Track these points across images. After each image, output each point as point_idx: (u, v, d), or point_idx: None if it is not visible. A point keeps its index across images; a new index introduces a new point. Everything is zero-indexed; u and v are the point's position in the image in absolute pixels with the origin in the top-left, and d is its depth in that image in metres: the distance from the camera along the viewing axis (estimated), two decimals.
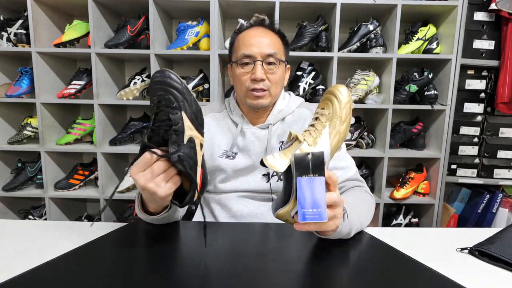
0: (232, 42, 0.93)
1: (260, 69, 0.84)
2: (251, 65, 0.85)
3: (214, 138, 0.93)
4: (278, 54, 0.86)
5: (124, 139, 1.72)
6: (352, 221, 0.65)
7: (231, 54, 0.93)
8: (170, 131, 0.54)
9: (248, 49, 0.85)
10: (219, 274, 0.54)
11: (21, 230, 0.73)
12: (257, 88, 0.85)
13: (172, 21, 1.85)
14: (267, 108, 0.90)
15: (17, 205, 1.84)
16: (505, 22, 1.61)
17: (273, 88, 0.87)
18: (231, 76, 0.94)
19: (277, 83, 0.88)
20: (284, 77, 0.92)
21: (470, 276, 0.57)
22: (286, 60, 0.92)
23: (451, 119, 1.65)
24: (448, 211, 1.75)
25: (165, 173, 0.56)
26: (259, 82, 0.84)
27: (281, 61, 0.88)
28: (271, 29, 0.90)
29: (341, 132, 0.60)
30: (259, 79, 0.84)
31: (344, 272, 0.56)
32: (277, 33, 0.90)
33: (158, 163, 0.55)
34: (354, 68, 1.75)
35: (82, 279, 0.51)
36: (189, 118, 0.56)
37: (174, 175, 0.57)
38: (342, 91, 0.60)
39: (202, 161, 0.59)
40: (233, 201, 0.91)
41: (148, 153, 0.55)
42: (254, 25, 0.90)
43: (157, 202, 0.60)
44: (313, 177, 0.51)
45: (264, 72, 0.84)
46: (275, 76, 0.86)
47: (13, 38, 1.61)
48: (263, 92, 0.85)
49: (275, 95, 0.89)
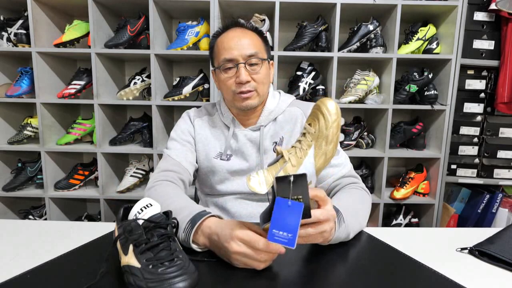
0: (211, 46, 0.91)
1: (243, 72, 0.82)
2: (234, 68, 0.83)
3: (208, 139, 0.93)
4: (260, 53, 0.85)
5: (124, 139, 1.72)
6: (350, 224, 0.65)
7: (212, 59, 0.91)
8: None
9: (228, 52, 0.83)
10: (219, 274, 0.54)
11: (21, 230, 0.73)
12: (244, 90, 0.83)
13: (172, 21, 1.85)
14: (256, 107, 0.89)
15: (17, 205, 1.84)
16: (505, 22, 1.61)
17: (260, 87, 0.86)
18: (216, 81, 0.92)
19: (263, 82, 0.86)
20: (269, 74, 0.90)
21: (470, 276, 0.57)
22: (268, 57, 0.90)
23: (451, 119, 1.65)
24: (448, 211, 1.75)
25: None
26: (245, 85, 0.83)
27: (263, 59, 0.86)
28: (248, 28, 0.89)
29: (328, 153, 0.57)
30: (244, 81, 0.82)
31: (344, 272, 0.56)
32: (254, 31, 0.89)
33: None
34: (354, 68, 1.75)
35: (82, 279, 0.51)
36: None
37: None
38: (330, 108, 0.56)
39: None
40: (230, 203, 0.91)
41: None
42: (230, 26, 0.89)
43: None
44: (292, 201, 0.50)
45: (248, 74, 0.83)
46: (259, 76, 0.85)
47: (13, 38, 1.61)
48: (250, 92, 0.85)
49: (263, 94, 0.88)
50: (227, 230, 0.56)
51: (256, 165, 0.90)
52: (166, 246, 0.52)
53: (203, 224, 0.61)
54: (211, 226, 0.59)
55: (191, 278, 0.48)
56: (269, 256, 0.54)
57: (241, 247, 0.53)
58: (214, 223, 0.60)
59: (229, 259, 0.56)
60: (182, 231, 0.61)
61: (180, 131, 0.94)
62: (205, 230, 0.60)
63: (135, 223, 0.53)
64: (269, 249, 0.53)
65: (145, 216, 0.54)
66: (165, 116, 1.77)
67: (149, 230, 0.53)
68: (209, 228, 0.59)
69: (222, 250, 0.57)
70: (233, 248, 0.54)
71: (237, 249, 0.53)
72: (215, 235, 0.58)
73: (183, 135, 0.93)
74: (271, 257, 0.54)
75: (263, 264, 0.54)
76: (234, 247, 0.54)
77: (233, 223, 0.57)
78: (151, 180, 0.82)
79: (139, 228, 0.52)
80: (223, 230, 0.56)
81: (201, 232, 0.60)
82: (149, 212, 0.55)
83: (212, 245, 0.59)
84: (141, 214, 0.55)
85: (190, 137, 0.93)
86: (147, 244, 0.51)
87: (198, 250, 0.61)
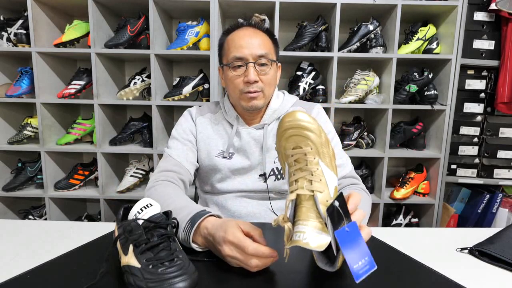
0: (221, 43, 0.91)
1: (252, 71, 0.82)
2: (243, 67, 0.84)
3: (211, 137, 0.93)
4: (270, 55, 0.85)
5: (124, 139, 1.72)
6: None
7: (221, 56, 0.92)
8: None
9: (239, 51, 0.83)
10: (219, 274, 0.54)
11: (21, 230, 0.73)
12: (251, 90, 0.84)
13: (172, 21, 1.85)
14: (261, 109, 0.90)
15: (17, 205, 1.84)
16: (505, 22, 1.61)
17: (266, 89, 0.86)
18: (223, 78, 0.92)
19: (270, 84, 0.87)
20: (276, 77, 0.90)
21: (470, 276, 0.57)
22: (277, 59, 0.91)
23: (451, 119, 1.65)
24: (448, 211, 1.75)
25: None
26: (252, 84, 0.83)
27: (273, 61, 0.87)
28: (259, 29, 0.89)
29: (331, 154, 0.53)
30: (252, 81, 0.82)
31: (344, 272, 0.56)
32: (266, 33, 0.89)
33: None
34: (354, 68, 1.75)
35: (82, 279, 0.51)
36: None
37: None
38: (303, 118, 0.50)
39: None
40: (231, 201, 0.91)
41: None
42: (242, 26, 0.89)
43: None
44: (347, 225, 0.47)
45: (256, 74, 0.84)
46: (267, 77, 0.85)
47: (13, 38, 1.61)
48: (257, 93, 0.85)
49: (268, 96, 0.89)
50: (220, 232, 0.55)
51: (258, 163, 0.90)
52: (166, 246, 0.52)
53: (201, 224, 0.60)
54: (208, 226, 0.59)
55: (191, 278, 0.48)
56: (261, 261, 0.53)
57: (232, 251, 0.54)
58: (211, 224, 0.59)
59: (224, 259, 0.56)
60: (182, 230, 0.61)
61: (181, 130, 0.93)
62: (203, 231, 0.60)
63: (135, 223, 0.53)
64: (259, 254, 0.52)
65: (145, 216, 0.54)
66: (165, 116, 1.77)
67: (149, 230, 0.52)
68: (206, 228, 0.59)
69: (217, 251, 0.57)
70: (225, 251, 0.54)
71: (228, 252, 0.54)
72: (211, 236, 0.58)
73: (184, 134, 0.93)
74: (263, 262, 0.53)
75: (255, 268, 0.53)
76: (226, 250, 0.54)
77: (228, 225, 0.56)
78: (152, 180, 0.82)
79: (139, 228, 0.52)
80: (217, 232, 0.56)
81: (199, 232, 0.61)
82: (149, 212, 0.55)
83: (209, 245, 0.60)
84: (141, 214, 0.55)
85: (192, 136, 0.93)
86: (147, 244, 0.51)
87: (199, 250, 0.61)
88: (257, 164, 0.90)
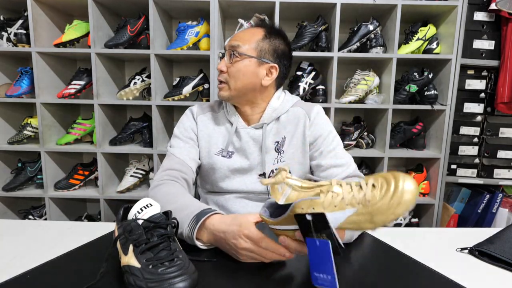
0: None
1: (222, 61, 0.87)
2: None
3: (211, 136, 0.93)
4: (243, 48, 0.84)
5: (124, 139, 1.72)
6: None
7: None
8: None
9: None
10: (219, 274, 0.54)
11: (21, 230, 0.73)
12: (218, 79, 0.89)
13: (172, 21, 1.85)
14: (227, 100, 0.91)
15: (17, 205, 1.84)
16: (505, 22, 1.61)
17: (232, 82, 0.86)
18: None
19: (235, 77, 0.85)
20: (250, 72, 0.85)
21: (470, 276, 0.57)
22: (261, 58, 0.85)
23: (451, 119, 1.65)
24: (448, 211, 1.75)
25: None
26: (220, 74, 0.88)
27: (246, 55, 0.84)
28: (261, 27, 0.88)
29: (362, 225, 0.48)
30: (218, 69, 0.87)
31: (345, 272, 0.56)
32: (267, 32, 0.87)
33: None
34: (354, 68, 1.75)
35: (82, 279, 0.51)
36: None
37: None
38: (409, 192, 0.47)
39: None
40: (230, 202, 0.92)
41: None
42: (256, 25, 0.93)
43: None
44: (319, 240, 0.47)
45: (224, 64, 0.86)
46: (233, 70, 0.85)
47: (13, 38, 1.61)
48: (221, 84, 0.88)
49: (235, 89, 0.86)
50: (234, 227, 0.58)
51: (257, 163, 0.90)
52: (166, 246, 0.52)
53: (207, 221, 0.62)
54: (214, 223, 0.61)
55: (191, 278, 0.48)
56: (273, 255, 0.56)
57: (248, 244, 0.56)
58: (218, 220, 0.61)
59: (236, 254, 0.58)
60: (186, 226, 0.62)
61: (183, 129, 0.94)
62: (209, 227, 0.61)
63: (135, 223, 0.53)
64: (272, 249, 0.55)
65: (145, 216, 0.54)
66: (165, 116, 1.77)
67: (149, 230, 0.53)
68: (213, 225, 0.61)
69: (228, 246, 0.58)
70: (241, 245, 0.56)
71: (244, 245, 0.56)
72: (221, 232, 0.59)
73: (186, 132, 0.93)
74: (275, 256, 0.56)
75: (269, 260, 0.57)
76: (242, 243, 0.56)
77: (239, 220, 0.58)
78: (155, 179, 0.82)
79: (139, 228, 0.52)
80: (230, 227, 0.58)
81: (205, 229, 0.62)
82: (149, 212, 0.55)
83: (217, 241, 0.61)
84: (141, 214, 0.55)
85: (193, 134, 0.93)
86: (147, 244, 0.51)
87: (203, 247, 0.62)
88: (256, 164, 0.90)
